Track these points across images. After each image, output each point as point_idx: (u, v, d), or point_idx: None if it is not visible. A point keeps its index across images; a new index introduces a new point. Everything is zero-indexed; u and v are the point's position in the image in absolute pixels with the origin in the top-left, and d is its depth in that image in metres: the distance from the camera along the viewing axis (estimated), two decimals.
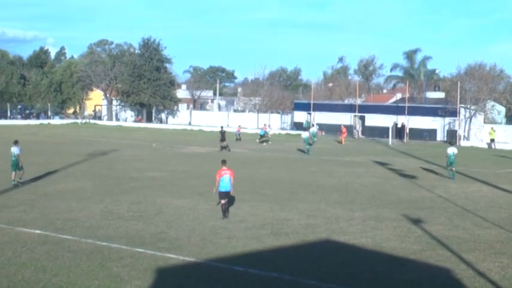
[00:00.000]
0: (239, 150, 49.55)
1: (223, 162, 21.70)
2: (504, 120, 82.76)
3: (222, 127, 53.73)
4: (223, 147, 48.26)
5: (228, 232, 18.91)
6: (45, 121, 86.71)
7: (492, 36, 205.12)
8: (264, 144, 57.36)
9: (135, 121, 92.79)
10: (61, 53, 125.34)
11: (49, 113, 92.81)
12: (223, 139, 49.10)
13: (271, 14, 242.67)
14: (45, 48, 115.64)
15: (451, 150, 34.42)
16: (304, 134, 51.27)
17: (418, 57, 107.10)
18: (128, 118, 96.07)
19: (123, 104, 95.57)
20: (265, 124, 71.55)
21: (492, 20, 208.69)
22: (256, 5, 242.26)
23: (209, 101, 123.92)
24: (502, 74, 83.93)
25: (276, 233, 18.92)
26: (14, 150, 28.04)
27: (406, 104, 72.00)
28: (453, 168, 34.16)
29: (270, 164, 39.50)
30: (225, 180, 20.95)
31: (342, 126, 66.48)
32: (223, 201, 21.08)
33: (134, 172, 33.26)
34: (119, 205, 23.04)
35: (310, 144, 49.18)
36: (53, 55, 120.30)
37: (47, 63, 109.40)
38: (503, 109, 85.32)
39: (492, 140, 62.05)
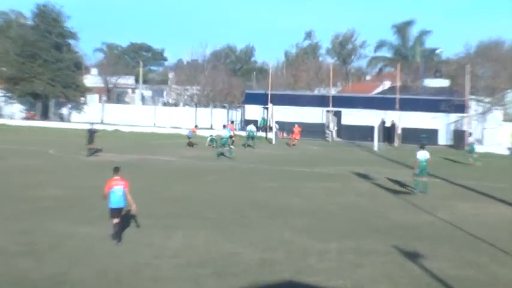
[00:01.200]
0: (172, 158, 49.43)
1: (115, 170, 22.54)
2: None
3: (92, 124, 55.13)
4: (92, 151, 49.08)
5: (153, 271, 18.64)
6: None
7: None
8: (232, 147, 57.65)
9: (25, 118, 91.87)
10: None
11: None
12: (91, 141, 49.91)
13: None
14: None
15: (422, 155, 35.54)
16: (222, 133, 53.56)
17: (413, 32, 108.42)
18: (15, 114, 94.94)
19: (8, 94, 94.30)
20: (232, 122, 71.06)
21: None
22: None
23: (129, 90, 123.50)
24: None
25: (220, 273, 18.73)
26: None
27: (398, 96, 72.57)
28: (424, 179, 35.24)
29: (213, 177, 39.42)
30: (117, 193, 21.75)
31: (296, 125, 67.70)
32: (115, 221, 21.57)
33: (24, 189, 32.73)
34: (2, 235, 22.58)
35: (226, 145, 50.54)
36: None
37: None
38: None
39: None
